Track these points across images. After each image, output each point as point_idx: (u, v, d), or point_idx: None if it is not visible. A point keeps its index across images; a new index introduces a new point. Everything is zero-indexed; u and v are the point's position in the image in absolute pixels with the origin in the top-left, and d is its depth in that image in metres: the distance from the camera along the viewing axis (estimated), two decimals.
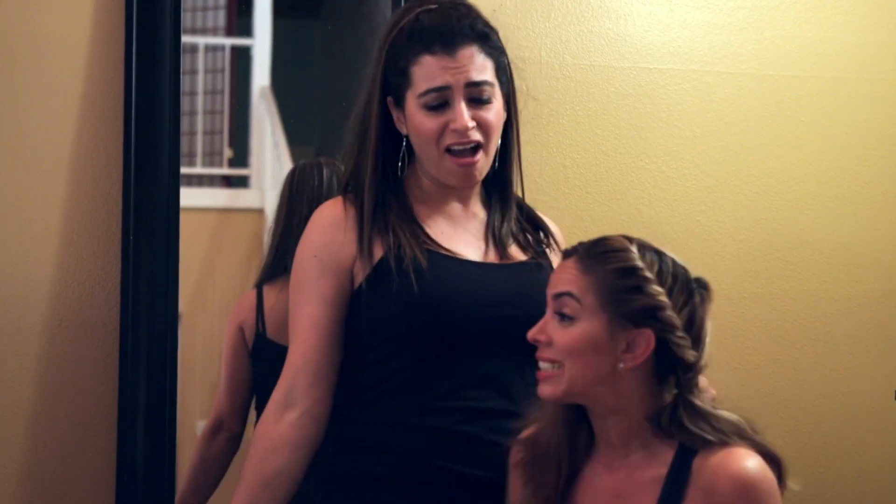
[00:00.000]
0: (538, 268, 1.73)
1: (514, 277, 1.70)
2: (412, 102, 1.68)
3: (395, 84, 1.70)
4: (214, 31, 2.50)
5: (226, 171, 2.58)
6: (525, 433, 1.57)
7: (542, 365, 1.49)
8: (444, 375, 1.65)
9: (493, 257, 1.73)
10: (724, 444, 1.40)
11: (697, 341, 1.45)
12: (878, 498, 2.54)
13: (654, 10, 2.44)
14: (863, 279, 2.56)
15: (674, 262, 1.48)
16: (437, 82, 1.65)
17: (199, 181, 2.53)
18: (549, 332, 1.48)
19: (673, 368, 1.45)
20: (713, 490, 1.37)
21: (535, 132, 2.29)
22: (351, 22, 2.50)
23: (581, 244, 1.51)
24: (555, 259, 1.77)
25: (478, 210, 1.78)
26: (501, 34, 1.72)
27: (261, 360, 2.16)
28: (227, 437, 2.17)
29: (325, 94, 2.56)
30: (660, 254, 1.49)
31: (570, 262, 1.49)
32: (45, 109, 2.08)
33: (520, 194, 1.81)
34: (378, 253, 1.66)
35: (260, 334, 2.15)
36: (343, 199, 1.73)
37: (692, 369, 1.45)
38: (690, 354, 1.44)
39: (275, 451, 1.64)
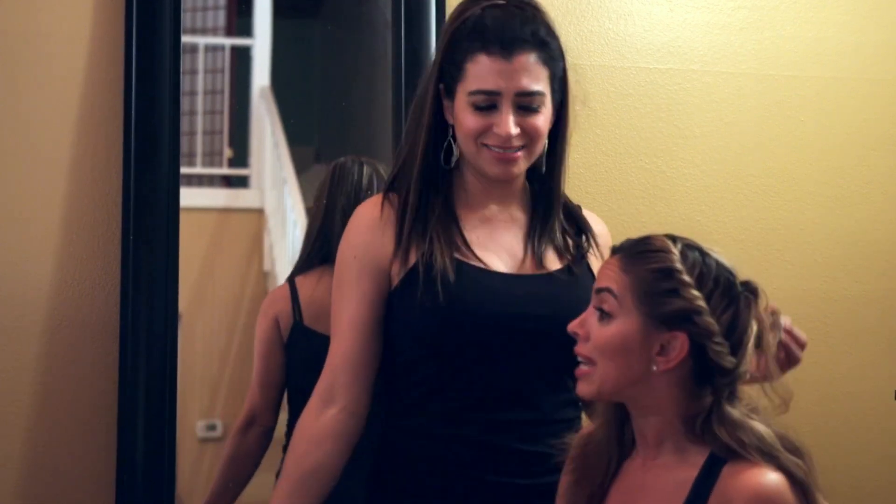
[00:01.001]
0: (570, 276, 1.71)
1: (543, 288, 1.69)
2: (462, 97, 1.67)
3: (449, 74, 1.69)
4: (214, 31, 2.50)
5: (225, 171, 2.58)
6: (584, 429, 1.59)
7: (580, 360, 1.48)
8: (469, 387, 1.66)
9: (528, 266, 1.71)
10: (750, 456, 1.38)
11: (738, 347, 1.42)
12: (878, 498, 2.53)
13: (653, 10, 2.44)
14: (863, 279, 2.56)
15: (719, 264, 1.45)
16: (489, 85, 1.64)
17: (199, 181, 2.53)
18: (587, 326, 1.47)
19: (712, 373, 1.42)
20: (730, 499, 1.36)
21: None
22: (351, 22, 2.50)
23: (627, 241, 1.50)
24: (595, 263, 1.76)
25: (519, 214, 1.76)
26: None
27: (297, 349, 2.16)
28: (261, 432, 2.17)
29: (324, 94, 2.57)
30: (704, 255, 1.45)
31: (614, 259, 1.48)
32: (45, 109, 2.08)
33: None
34: (413, 258, 1.67)
35: (297, 323, 2.16)
36: (383, 198, 1.72)
37: (729, 375, 1.41)
38: (728, 360, 1.41)
39: (316, 444, 1.66)
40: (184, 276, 2.09)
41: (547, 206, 1.75)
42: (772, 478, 1.36)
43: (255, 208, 2.53)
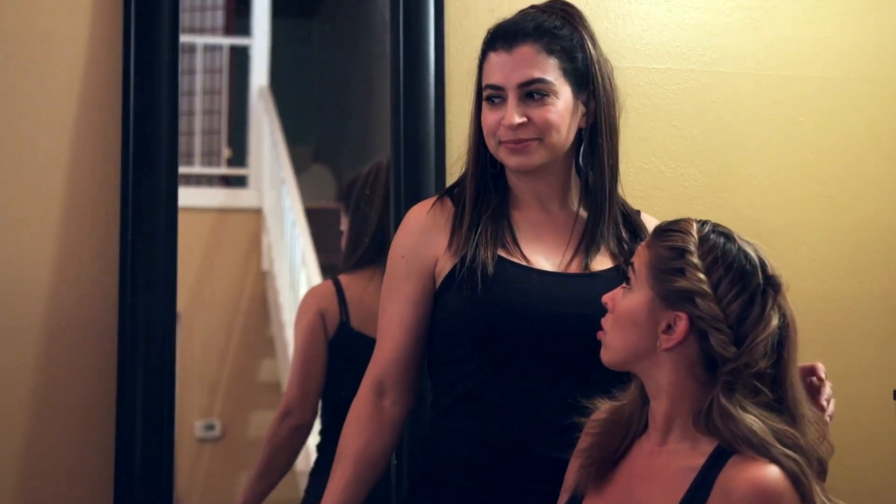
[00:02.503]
0: (616, 277, 1.70)
1: (585, 289, 1.68)
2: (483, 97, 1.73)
3: (478, 83, 1.74)
4: (213, 31, 2.51)
5: (224, 170, 2.59)
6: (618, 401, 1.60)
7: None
8: (506, 385, 1.67)
9: (574, 266, 1.72)
10: (741, 448, 1.38)
11: (744, 338, 1.41)
12: (878, 498, 2.53)
13: (652, 10, 2.44)
14: (862, 279, 2.56)
15: (742, 253, 1.45)
16: (493, 79, 1.69)
17: (198, 181, 2.54)
18: (616, 298, 1.51)
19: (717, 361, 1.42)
20: (730, 492, 1.36)
21: None
22: (349, 21, 2.50)
23: (664, 221, 1.53)
24: None
25: (572, 215, 1.77)
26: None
27: (342, 349, 2.17)
28: (295, 426, 2.18)
29: (323, 93, 2.57)
30: (729, 242, 1.46)
31: (649, 236, 1.52)
32: (43, 109, 2.08)
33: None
34: (457, 258, 1.70)
35: (343, 323, 2.17)
36: (436, 200, 1.77)
37: (728, 365, 1.41)
38: (728, 350, 1.41)
39: (375, 433, 1.74)
40: (182, 276, 2.09)
41: (598, 206, 1.76)
42: (771, 472, 1.36)
43: (254, 208, 2.53)
